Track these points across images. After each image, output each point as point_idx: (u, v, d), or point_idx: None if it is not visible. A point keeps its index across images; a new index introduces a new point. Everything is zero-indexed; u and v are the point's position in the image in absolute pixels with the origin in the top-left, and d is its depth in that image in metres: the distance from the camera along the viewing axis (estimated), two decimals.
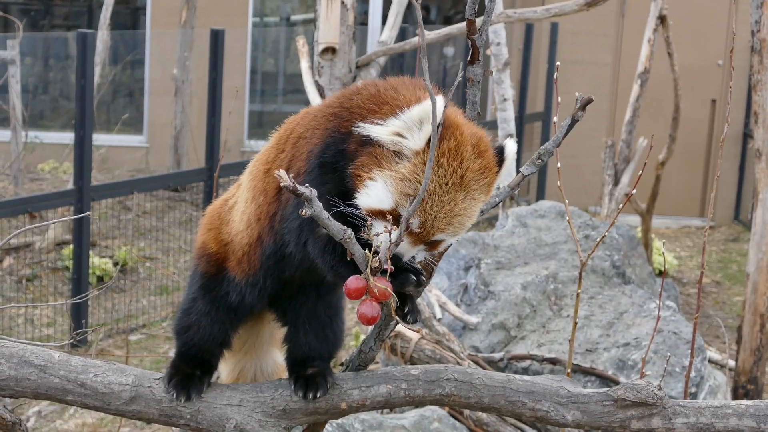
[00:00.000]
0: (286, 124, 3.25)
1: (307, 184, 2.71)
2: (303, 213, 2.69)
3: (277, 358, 3.65)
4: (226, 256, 3.33)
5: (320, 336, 3.36)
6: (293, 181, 2.68)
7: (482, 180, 2.87)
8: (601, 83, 16.02)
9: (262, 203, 3.15)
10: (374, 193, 2.84)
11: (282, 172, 2.67)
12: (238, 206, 3.31)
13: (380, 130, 2.87)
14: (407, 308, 3.01)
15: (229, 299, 3.29)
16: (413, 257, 2.91)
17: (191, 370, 3.26)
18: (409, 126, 2.84)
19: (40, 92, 17.54)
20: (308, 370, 3.26)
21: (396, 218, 2.82)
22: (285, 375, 3.45)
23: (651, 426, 3.12)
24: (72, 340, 3.34)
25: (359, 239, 2.80)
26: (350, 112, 2.97)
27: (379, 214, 2.84)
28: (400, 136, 2.84)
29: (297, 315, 3.35)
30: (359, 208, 2.85)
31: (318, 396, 3.14)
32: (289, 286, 3.30)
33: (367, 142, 2.88)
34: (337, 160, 2.93)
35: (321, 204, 2.71)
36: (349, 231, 2.75)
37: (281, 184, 2.67)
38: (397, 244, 2.79)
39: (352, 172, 2.88)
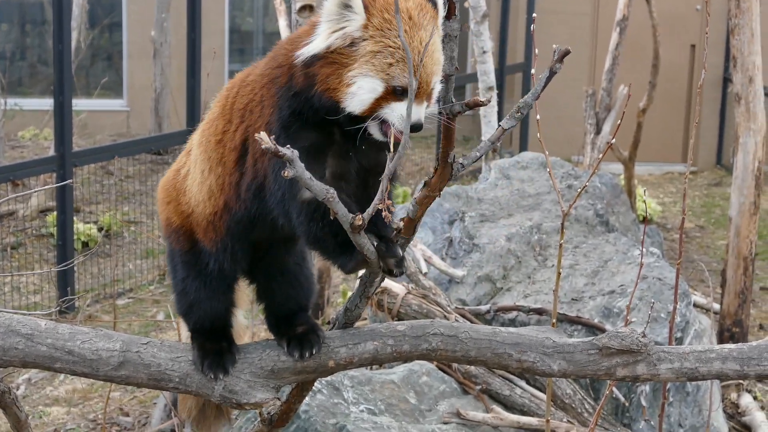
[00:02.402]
0: (225, 92, 3.29)
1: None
2: (285, 174, 2.70)
3: (239, 319, 3.66)
4: (191, 227, 3.36)
5: (295, 285, 3.43)
6: (274, 142, 2.68)
7: (426, 14, 2.99)
8: (581, 32, 15.98)
9: (222, 173, 3.19)
10: (361, 89, 2.91)
11: (263, 135, 2.68)
12: (194, 177, 3.33)
13: (318, 42, 2.94)
14: (392, 261, 3.03)
15: (210, 269, 3.31)
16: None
17: (217, 345, 3.27)
18: (337, 16, 2.93)
19: (18, 58, 17.41)
20: (297, 329, 3.29)
21: (390, 93, 2.91)
22: (246, 335, 3.53)
23: (636, 373, 3.15)
24: (58, 308, 3.36)
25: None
26: (280, 65, 3.06)
27: (379, 103, 2.92)
28: (339, 30, 2.92)
29: (268, 271, 3.41)
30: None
31: (314, 353, 3.17)
32: (257, 245, 3.34)
33: (313, 62, 2.95)
34: (297, 108, 2.99)
35: (302, 165, 2.72)
36: (332, 190, 2.77)
37: (263, 146, 2.67)
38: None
39: (320, 91, 2.93)
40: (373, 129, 2.95)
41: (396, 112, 2.91)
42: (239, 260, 3.31)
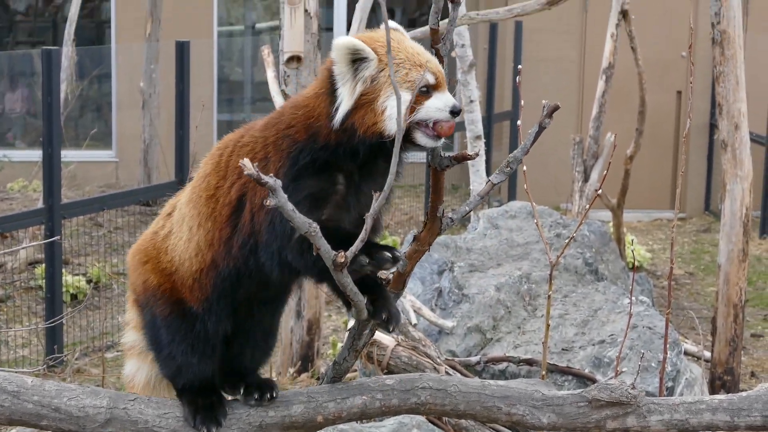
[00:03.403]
0: (218, 151, 3.39)
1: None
2: (268, 203, 2.74)
3: None
4: (174, 287, 3.35)
5: (263, 346, 3.48)
6: (257, 169, 2.71)
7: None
8: (568, 79, 16.07)
9: (212, 228, 3.22)
10: (395, 108, 2.98)
11: (246, 161, 2.71)
12: (178, 235, 3.37)
13: (346, 102, 3.06)
14: (384, 314, 3.04)
15: (197, 330, 3.30)
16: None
17: (208, 399, 3.28)
18: (353, 71, 3.07)
19: (7, 110, 17.44)
20: (253, 378, 3.41)
21: (418, 97, 3.04)
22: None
23: (626, 425, 3.14)
24: (45, 366, 3.35)
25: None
26: (291, 126, 3.17)
27: (414, 109, 3.04)
28: (359, 80, 3.06)
29: (246, 331, 3.42)
30: None
31: (275, 396, 3.21)
32: (241, 305, 3.35)
33: (347, 117, 3.09)
34: (317, 158, 3.08)
35: (285, 195, 2.75)
36: (314, 224, 2.80)
37: (245, 173, 2.71)
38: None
39: (362, 134, 3.05)
40: (421, 138, 3.06)
41: (432, 107, 3.05)
42: (225, 319, 3.32)
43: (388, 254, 2.97)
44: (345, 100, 3.04)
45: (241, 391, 3.32)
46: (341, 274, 2.89)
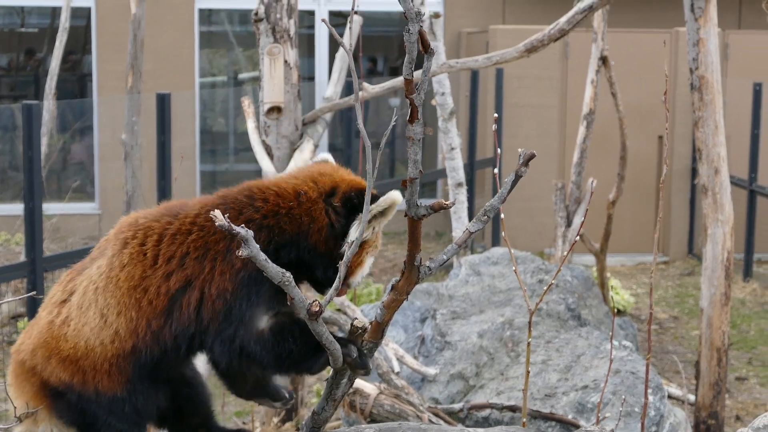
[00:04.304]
0: (133, 239, 3.29)
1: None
2: (239, 254, 2.73)
3: None
4: (85, 376, 3.24)
5: (201, 391, 3.50)
6: (228, 221, 2.69)
7: None
8: (549, 125, 16.15)
9: (137, 318, 3.17)
10: (368, 265, 3.39)
11: (217, 212, 2.69)
12: (83, 320, 3.25)
13: (358, 238, 3.10)
14: (355, 357, 3.05)
15: (128, 413, 3.23)
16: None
17: None
18: (379, 219, 3.34)
19: None
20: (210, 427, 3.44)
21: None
22: None
23: None
24: (16, 421, 3.32)
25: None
26: (276, 217, 3.25)
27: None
28: (375, 227, 3.34)
29: (179, 392, 3.41)
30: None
31: None
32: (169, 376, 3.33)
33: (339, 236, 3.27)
34: (298, 256, 3.19)
35: (257, 246, 2.74)
36: (288, 274, 2.81)
37: (216, 224, 2.68)
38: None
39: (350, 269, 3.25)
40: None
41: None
42: (154, 394, 3.27)
43: (353, 347, 3.07)
44: (356, 240, 3.08)
45: None
46: (316, 323, 2.89)
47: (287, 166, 7.85)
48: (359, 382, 5.92)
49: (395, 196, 3.22)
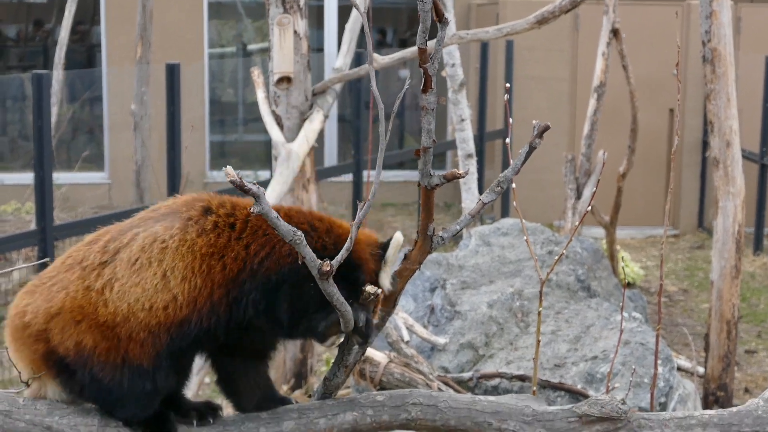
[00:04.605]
0: (223, 209, 3.24)
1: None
2: (251, 210, 2.72)
3: None
4: (114, 344, 3.14)
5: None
6: (240, 177, 2.69)
7: None
8: (559, 98, 16.11)
9: (203, 286, 3.10)
10: None
11: (229, 169, 2.68)
12: (134, 281, 3.15)
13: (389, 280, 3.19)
14: (363, 318, 3.05)
15: (147, 390, 3.15)
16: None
17: (161, 419, 3.24)
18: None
19: None
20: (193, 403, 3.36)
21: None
22: None
23: None
24: (26, 387, 3.31)
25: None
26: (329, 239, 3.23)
27: None
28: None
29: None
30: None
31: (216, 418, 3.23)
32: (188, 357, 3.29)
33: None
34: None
35: (269, 203, 2.74)
36: (299, 232, 2.80)
37: (228, 179, 2.67)
38: None
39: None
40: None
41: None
42: (172, 375, 3.18)
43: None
44: (388, 281, 3.17)
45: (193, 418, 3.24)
46: (327, 283, 2.89)
47: (297, 136, 7.85)
48: (369, 351, 5.93)
49: (399, 237, 3.18)
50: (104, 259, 3.21)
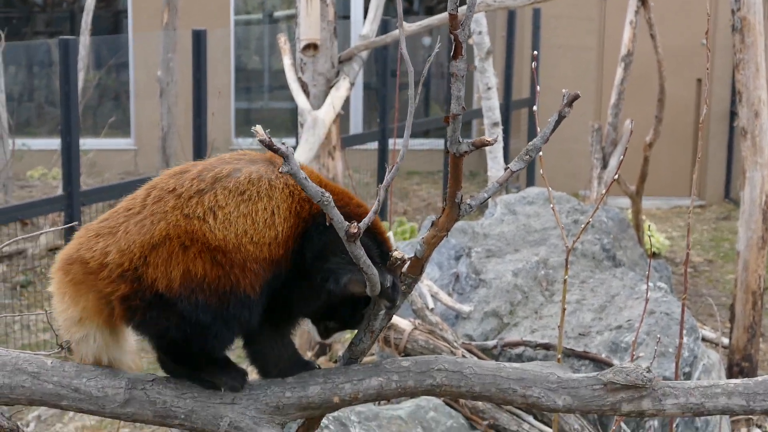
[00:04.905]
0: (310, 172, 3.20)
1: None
2: (280, 171, 2.72)
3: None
4: (226, 270, 3.08)
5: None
6: (269, 136, 2.69)
7: None
8: (586, 67, 16.03)
9: (295, 228, 3.10)
10: None
11: (258, 128, 2.68)
12: (252, 213, 3.09)
13: None
14: (389, 286, 3.05)
15: (244, 319, 3.11)
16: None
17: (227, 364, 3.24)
18: None
19: (26, 100, 17.53)
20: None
21: None
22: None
23: (641, 408, 3.14)
24: (61, 348, 3.34)
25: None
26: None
27: None
28: None
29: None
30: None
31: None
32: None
33: None
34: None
35: (297, 163, 2.74)
36: (327, 194, 2.79)
37: (257, 138, 2.67)
38: None
39: None
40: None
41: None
42: (261, 313, 3.20)
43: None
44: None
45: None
46: (354, 245, 2.89)
47: (323, 103, 7.85)
48: (394, 318, 5.95)
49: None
50: (201, 187, 3.09)
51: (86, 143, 13.64)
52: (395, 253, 3.03)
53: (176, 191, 3.10)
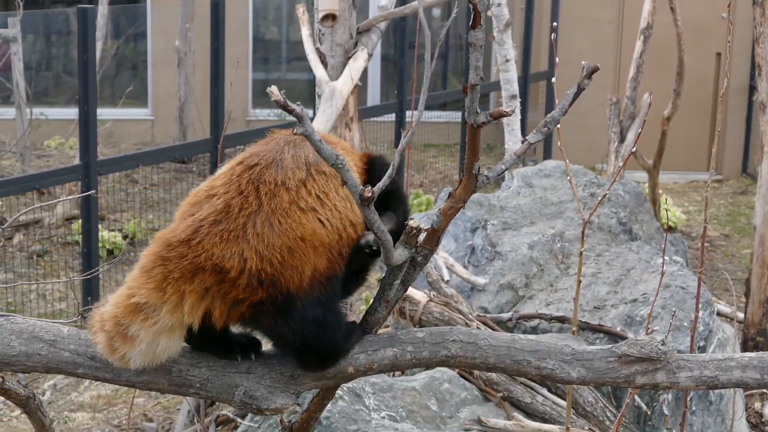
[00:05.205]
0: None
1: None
2: (295, 132, 2.70)
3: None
4: (335, 258, 3.10)
5: None
6: (284, 97, 2.68)
7: None
8: (605, 40, 15.95)
9: (354, 210, 3.11)
10: None
11: (273, 88, 2.67)
12: (343, 202, 3.11)
13: None
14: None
15: (337, 293, 3.14)
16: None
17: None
18: None
19: (44, 69, 17.55)
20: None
21: None
22: None
23: (655, 380, 3.14)
24: (78, 317, 3.35)
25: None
26: None
27: None
28: None
29: None
30: None
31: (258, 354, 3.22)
32: None
33: None
34: None
35: (311, 125, 2.73)
36: (341, 157, 2.78)
37: (273, 99, 2.66)
38: None
39: None
40: None
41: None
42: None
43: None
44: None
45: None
46: (368, 210, 2.88)
47: (341, 74, 7.83)
48: (410, 290, 5.96)
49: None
50: (302, 176, 3.08)
51: (103, 113, 13.65)
52: (411, 222, 3.02)
53: (285, 184, 3.04)
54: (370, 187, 2.83)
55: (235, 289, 2.99)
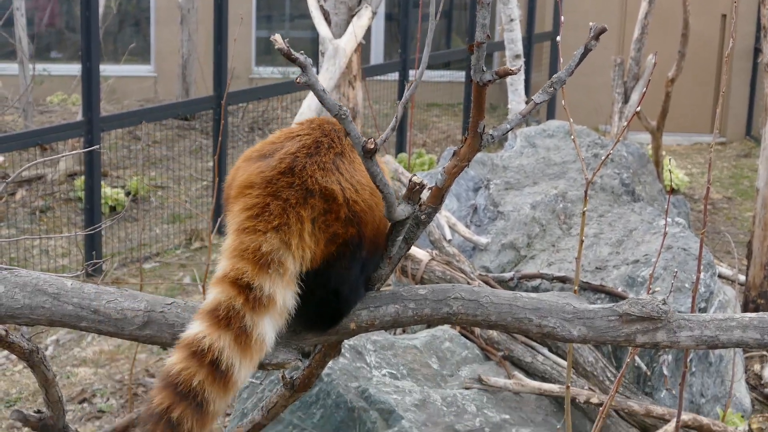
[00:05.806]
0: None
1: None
2: (298, 81, 2.71)
3: None
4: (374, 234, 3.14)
5: None
6: (287, 45, 2.68)
7: None
8: (610, 0, 15.87)
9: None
10: None
11: (277, 37, 2.67)
12: (365, 183, 3.10)
13: None
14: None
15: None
16: None
17: None
18: None
19: (46, 24, 17.48)
20: None
21: None
22: None
23: (656, 340, 3.15)
24: (83, 271, 3.35)
25: None
26: None
27: None
28: None
29: None
30: None
31: None
32: None
33: None
34: None
35: (315, 74, 2.73)
36: (344, 108, 2.78)
37: (276, 47, 2.65)
38: None
39: None
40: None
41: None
42: None
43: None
44: None
45: None
46: (370, 162, 2.88)
47: (345, 32, 7.81)
48: (412, 249, 5.97)
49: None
50: (338, 149, 3.11)
51: (106, 69, 13.63)
52: (413, 178, 3.02)
53: (343, 152, 3.10)
54: (372, 139, 2.83)
55: (336, 222, 3.00)
